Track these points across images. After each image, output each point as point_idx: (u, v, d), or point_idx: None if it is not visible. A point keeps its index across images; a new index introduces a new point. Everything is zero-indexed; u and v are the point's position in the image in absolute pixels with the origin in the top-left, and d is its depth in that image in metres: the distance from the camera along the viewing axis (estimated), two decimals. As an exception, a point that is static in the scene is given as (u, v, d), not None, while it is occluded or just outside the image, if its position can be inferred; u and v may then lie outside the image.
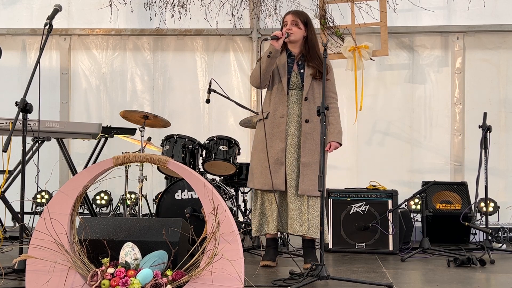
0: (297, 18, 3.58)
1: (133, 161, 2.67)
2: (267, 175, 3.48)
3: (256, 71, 3.52)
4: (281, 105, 3.53)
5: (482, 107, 5.30)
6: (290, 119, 3.54)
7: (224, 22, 5.78)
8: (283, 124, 3.52)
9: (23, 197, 3.13)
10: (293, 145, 3.53)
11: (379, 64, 5.77)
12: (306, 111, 3.53)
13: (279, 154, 3.50)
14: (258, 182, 3.53)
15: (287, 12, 3.68)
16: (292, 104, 3.55)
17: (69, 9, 6.08)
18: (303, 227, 3.47)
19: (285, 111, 3.53)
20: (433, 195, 4.88)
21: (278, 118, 3.52)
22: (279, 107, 3.54)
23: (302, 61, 3.61)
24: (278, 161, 3.49)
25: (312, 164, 3.48)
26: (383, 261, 3.92)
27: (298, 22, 3.57)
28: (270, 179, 3.45)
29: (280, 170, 3.49)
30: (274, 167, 3.48)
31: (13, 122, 3.02)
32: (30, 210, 5.39)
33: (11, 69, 6.09)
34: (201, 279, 2.49)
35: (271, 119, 3.55)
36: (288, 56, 3.61)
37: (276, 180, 3.47)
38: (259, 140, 3.59)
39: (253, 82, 3.61)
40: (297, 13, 3.64)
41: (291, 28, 3.54)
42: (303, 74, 3.57)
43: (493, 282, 3.26)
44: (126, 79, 6.09)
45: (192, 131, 5.26)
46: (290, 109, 3.55)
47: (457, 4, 5.67)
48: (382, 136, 5.78)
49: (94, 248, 2.71)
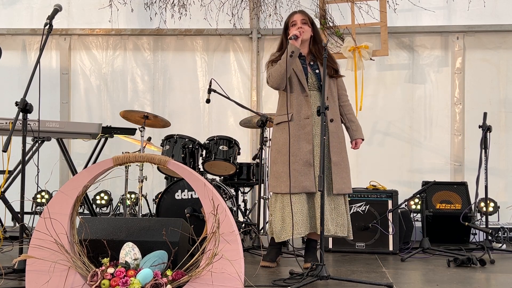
0: (305, 17, 3.60)
1: (133, 161, 2.67)
2: (297, 178, 3.41)
3: (277, 72, 3.47)
4: (304, 107, 3.49)
5: (482, 107, 5.30)
6: (314, 120, 3.50)
7: (224, 22, 5.78)
8: (309, 125, 3.47)
9: (23, 197, 3.13)
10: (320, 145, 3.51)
11: (379, 64, 5.77)
12: (329, 110, 3.47)
13: (307, 156, 3.44)
14: (286, 185, 3.42)
15: (294, 12, 3.68)
16: (313, 105, 3.52)
17: (69, 9, 6.09)
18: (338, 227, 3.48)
19: (309, 112, 3.49)
20: (433, 195, 4.88)
21: (303, 120, 3.48)
22: (302, 108, 3.50)
23: (313, 61, 3.61)
24: (307, 162, 3.44)
25: (341, 162, 3.52)
26: (383, 261, 3.92)
27: (307, 21, 3.59)
28: (300, 182, 3.40)
29: (309, 172, 3.43)
30: (303, 169, 3.43)
31: (13, 122, 3.02)
32: (30, 210, 5.39)
33: (11, 69, 6.09)
34: (201, 279, 2.49)
35: (296, 121, 3.49)
36: (299, 57, 3.58)
37: (306, 182, 3.41)
38: (282, 143, 3.51)
39: (275, 82, 3.52)
40: (304, 12, 3.67)
41: (303, 27, 3.54)
42: (318, 74, 3.56)
43: (493, 282, 3.26)
44: (127, 79, 6.10)
45: (192, 131, 5.26)
46: (312, 110, 3.51)
47: (457, 4, 5.67)
48: (382, 136, 5.78)
49: (94, 248, 2.71)
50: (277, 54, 3.64)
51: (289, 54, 3.39)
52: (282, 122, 3.54)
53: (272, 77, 3.53)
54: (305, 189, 3.41)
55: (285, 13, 5.17)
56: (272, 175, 3.55)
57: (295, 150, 3.45)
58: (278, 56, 3.59)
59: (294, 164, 3.42)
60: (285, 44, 3.58)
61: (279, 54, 3.62)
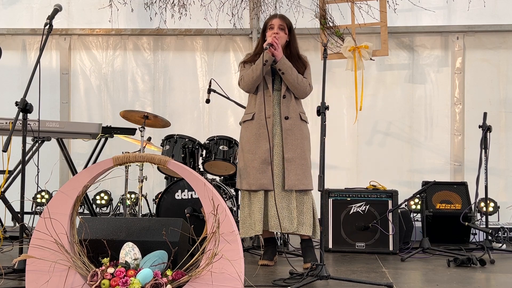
0: (284, 23, 3.64)
1: (133, 161, 2.67)
2: (254, 175, 3.51)
3: (249, 77, 3.57)
4: (266, 106, 3.56)
5: (482, 107, 5.30)
6: (275, 119, 3.59)
7: (224, 22, 5.78)
8: (269, 124, 3.54)
9: (23, 197, 3.13)
10: (279, 144, 3.57)
11: (379, 64, 5.77)
12: (285, 108, 3.58)
13: (265, 154, 3.52)
14: (246, 183, 3.55)
15: (274, 14, 3.75)
16: (275, 105, 3.60)
17: (69, 9, 6.09)
18: (292, 225, 3.49)
19: (271, 112, 3.57)
20: (433, 195, 4.88)
21: (264, 119, 3.53)
22: (263, 108, 3.55)
23: None
24: (265, 161, 3.52)
25: (296, 159, 3.53)
26: (383, 261, 3.92)
27: (284, 26, 3.64)
28: (257, 180, 3.49)
29: (267, 170, 3.51)
30: (261, 167, 3.51)
31: (13, 122, 3.03)
32: (30, 210, 5.39)
33: (11, 69, 6.09)
34: (201, 279, 2.49)
35: (257, 120, 3.58)
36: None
37: (264, 180, 3.50)
38: (245, 141, 3.62)
39: (246, 87, 3.63)
40: (284, 17, 3.70)
41: (279, 32, 3.59)
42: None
43: (493, 282, 3.26)
44: (127, 79, 6.09)
45: (192, 131, 5.27)
46: (274, 110, 3.60)
47: (457, 4, 5.67)
48: (382, 136, 5.78)
49: (94, 248, 2.71)
50: (250, 55, 3.74)
51: (263, 62, 3.49)
52: (246, 120, 3.65)
53: (244, 81, 3.63)
54: (262, 187, 3.49)
55: (285, 13, 5.17)
56: (237, 172, 3.68)
57: (255, 148, 3.55)
58: (251, 57, 3.69)
59: (253, 162, 3.53)
60: (261, 44, 3.68)
61: (252, 55, 3.73)
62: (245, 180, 3.56)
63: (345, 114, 5.77)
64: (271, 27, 3.62)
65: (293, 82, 3.55)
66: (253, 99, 3.66)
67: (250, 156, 3.56)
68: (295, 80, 3.55)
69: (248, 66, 3.66)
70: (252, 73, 3.55)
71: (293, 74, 3.54)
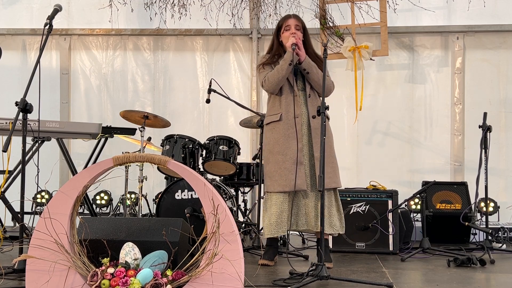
0: (299, 23, 3.67)
1: (133, 161, 2.67)
2: (287, 176, 3.48)
3: (274, 78, 3.55)
4: (294, 106, 3.55)
5: (482, 107, 5.30)
6: (303, 119, 3.58)
7: (224, 22, 5.78)
8: (298, 124, 3.54)
9: (23, 197, 3.13)
10: (308, 144, 3.57)
11: (379, 64, 5.77)
12: (312, 107, 3.58)
13: (296, 154, 3.50)
14: (279, 184, 3.50)
15: (288, 15, 3.74)
16: (302, 105, 3.60)
17: (69, 9, 6.09)
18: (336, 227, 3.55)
19: (298, 112, 3.56)
20: (433, 195, 4.88)
21: (292, 119, 3.53)
22: (291, 108, 3.55)
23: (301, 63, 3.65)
24: (296, 161, 3.49)
25: (326, 157, 3.50)
26: (383, 261, 3.92)
27: (300, 27, 3.66)
28: (291, 180, 3.46)
29: (299, 170, 3.49)
30: (293, 167, 3.48)
31: (13, 122, 3.02)
32: (30, 210, 5.39)
33: (11, 69, 6.09)
34: (201, 279, 2.49)
35: (285, 120, 3.56)
36: None
37: (298, 181, 3.47)
38: (273, 143, 3.58)
39: (271, 87, 3.60)
40: (298, 17, 3.72)
41: (296, 32, 3.60)
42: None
43: (493, 282, 3.26)
44: (127, 79, 6.10)
45: (192, 131, 5.27)
46: (302, 110, 3.59)
47: (457, 4, 5.67)
48: (382, 136, 5.79)
49: (94, 248, 2.71)
50: (267, 57, 3.73)
51: (288, 62, 3.49)
52: (272, 122, 3.62)
53: (268, 81, 3.60)
54: (297, 187, 3.47)
55: (285, 13, 5.15)
56: (266, 175, 3.62)
57: (285, 149, 3.52)
58: (269, 59, 3.68)
59: (284, 163, 3.50)
60: (276, 45, 3.70)
61: (269, 56, 3.72)
62: (276, 182, 3.51)
63: (345, 114, 5.77)
64: (288, 28, 3.63)
65: (318, 81, 3.56)
66: (277, 100, 3.63)
67: (280, 157, 3.52)
68: (320, 79, 3.54)
69: (268, 67, 3.65)
70: (278, 73, 3.54)
71: (318, 73, 3.56)
